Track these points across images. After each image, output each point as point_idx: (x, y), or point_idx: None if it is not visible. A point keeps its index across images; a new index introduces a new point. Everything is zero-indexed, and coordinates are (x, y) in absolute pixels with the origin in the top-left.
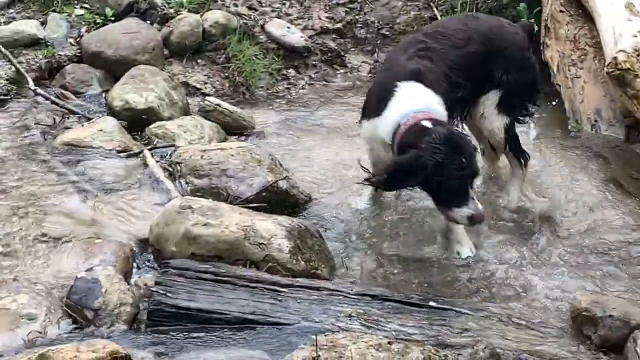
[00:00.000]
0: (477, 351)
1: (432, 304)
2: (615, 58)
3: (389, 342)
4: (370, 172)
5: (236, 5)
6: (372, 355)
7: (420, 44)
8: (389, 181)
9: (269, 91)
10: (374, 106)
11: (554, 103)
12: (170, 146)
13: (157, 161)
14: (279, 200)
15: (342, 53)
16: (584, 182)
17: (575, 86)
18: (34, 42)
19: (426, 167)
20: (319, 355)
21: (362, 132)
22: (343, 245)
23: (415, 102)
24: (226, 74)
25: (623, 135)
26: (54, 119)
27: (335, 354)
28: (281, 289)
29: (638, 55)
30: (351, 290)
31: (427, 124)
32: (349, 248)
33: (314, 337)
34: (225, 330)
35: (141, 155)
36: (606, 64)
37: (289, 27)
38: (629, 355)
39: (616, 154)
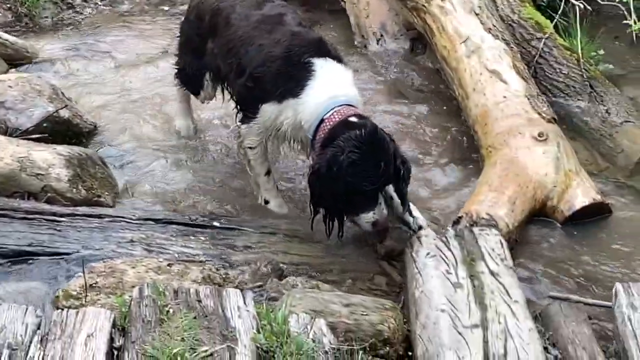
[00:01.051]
0: (260, 267)
1: (216, 224)
2: None
3: (168, 265)
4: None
5: None
6: (150, 278)
7: None
8: (317, 195)
9: (54, 20)
10: (282, 86)
11: None
12: None
13: None
14: (61, 130)
15: None
16: (370, 94)
17: (360, 1)
18: None
19: (342, 167)
20: (95, 283)
21: (262, 119)
22: (129, 171)
23: (338, 89)
24: (8, 5)
25: (407, 48)
26: None
27: (113, 279)
28: (60, 219)
29: None
30: (134, 215)
31: (354, 120)
32: (136, 174)
33: (91, 265)
34: (1, 264)
35: None
36: None
37: None
38: (406, 260)
39: (401, 66)
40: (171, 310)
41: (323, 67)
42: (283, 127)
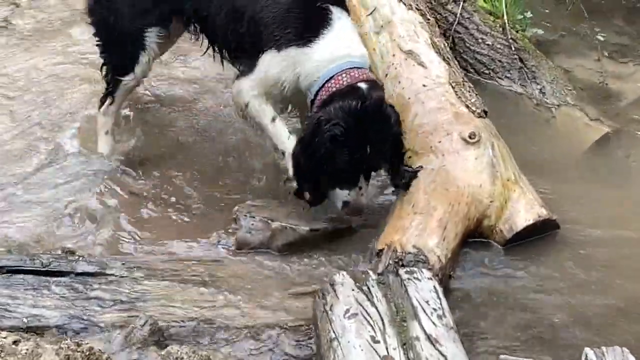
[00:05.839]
0: (134, 330)
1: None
2: None
3: (14, 342)
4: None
5: None
6: None
7: None
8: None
9: None
10: (289, 30)
11: None
12: None
13: None
14: None
15: None
16: None
17: None
18: None
19: (323, 139)
20: None
21: (267, 69)
22: None
23: (353, 47)
24: None
25: None
26: None
27: None
28: None
29: None
30: None
31: (362, 86)
32: None
33: None
34: None
35: None
36: None
37: None
38: (318, 316)
39: None
40: None
41: (341, 18)
42: (283, 85)
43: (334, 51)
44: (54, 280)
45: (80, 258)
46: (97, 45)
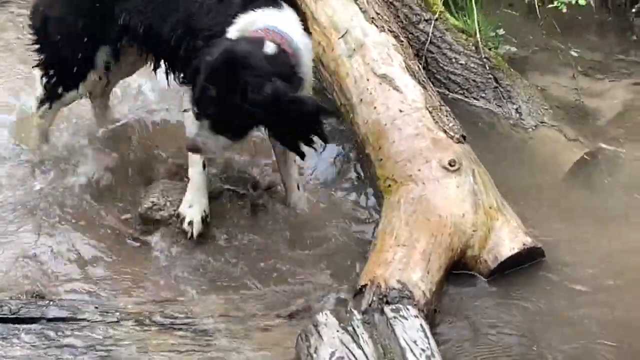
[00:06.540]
0: None
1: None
2: None
3: None
4: None
5: None
6: None
7: None
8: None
9: None
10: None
11: None
12: None
13: None
14: None
15: None
16: None
17: None
18: None
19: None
20: None
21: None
22: None
23: (295, 25)
24: None
25: None
26: None
27: None
28: None
29: None
30: None
31: (269, 44)
32: None
33: None
34: None
35: None
36: None
37: None
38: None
39: None
40: None
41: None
42: None
43: (274, 20)
44: (24, 328)
45: (51, 302)
46: (34, 43)
